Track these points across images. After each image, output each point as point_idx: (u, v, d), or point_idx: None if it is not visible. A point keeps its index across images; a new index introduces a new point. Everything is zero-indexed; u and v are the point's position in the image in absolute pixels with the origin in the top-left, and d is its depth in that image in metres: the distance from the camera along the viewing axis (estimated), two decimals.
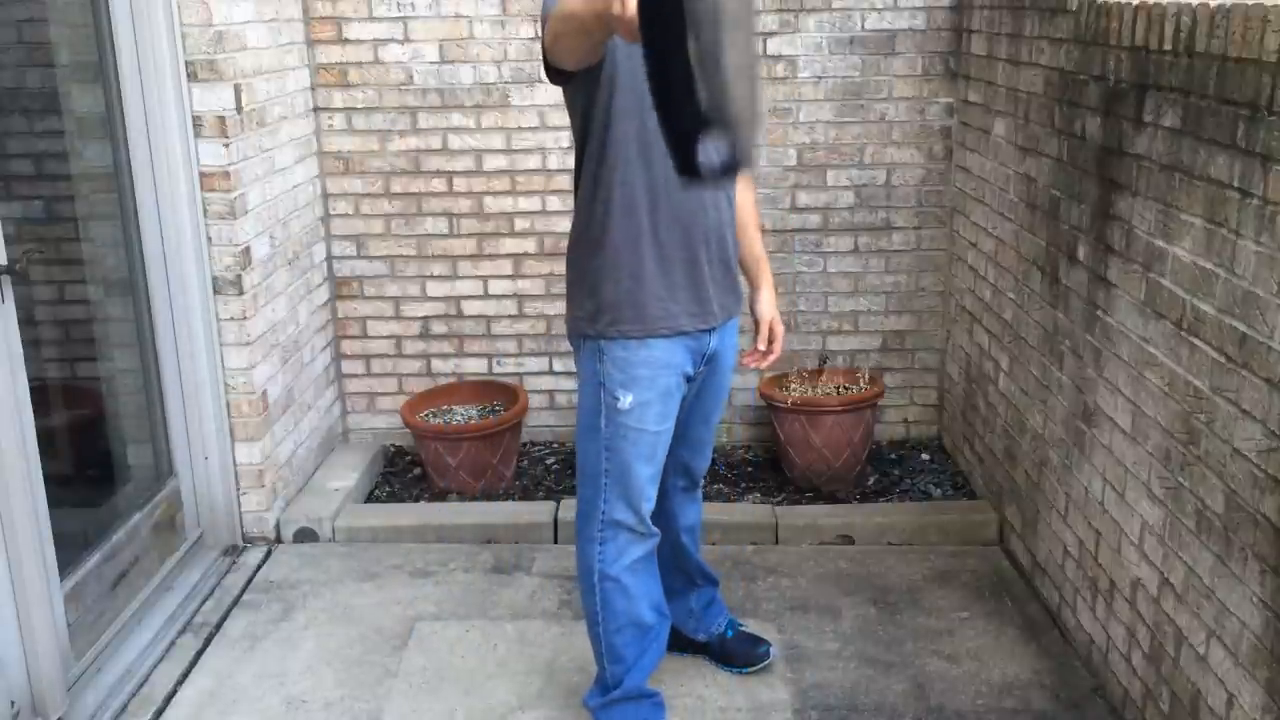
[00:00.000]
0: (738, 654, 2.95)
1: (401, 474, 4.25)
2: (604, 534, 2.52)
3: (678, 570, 2.87)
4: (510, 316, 4.30)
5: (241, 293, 3.39)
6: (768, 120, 4.04)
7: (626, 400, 2.40)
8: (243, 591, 3.39)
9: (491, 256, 4.23)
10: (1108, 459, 2.79)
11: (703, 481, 2.85)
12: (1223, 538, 2.24)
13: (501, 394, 4.23)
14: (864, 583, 3.41)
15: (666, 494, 2.71)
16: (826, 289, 4.25)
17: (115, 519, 3.16)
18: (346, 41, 4.02)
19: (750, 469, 4.21)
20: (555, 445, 4.40)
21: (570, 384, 4.36)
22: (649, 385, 2.41)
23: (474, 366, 4.36)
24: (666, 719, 2.72)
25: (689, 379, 2.52)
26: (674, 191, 2.31)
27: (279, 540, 3.68)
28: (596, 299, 2.40)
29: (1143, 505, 2.60)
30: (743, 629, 3.01)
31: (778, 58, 4.03)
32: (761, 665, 2.93)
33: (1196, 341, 2.33)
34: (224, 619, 3.24)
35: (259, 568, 3.52)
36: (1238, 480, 2.18)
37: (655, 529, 2.58)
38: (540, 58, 4.07)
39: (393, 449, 4.41)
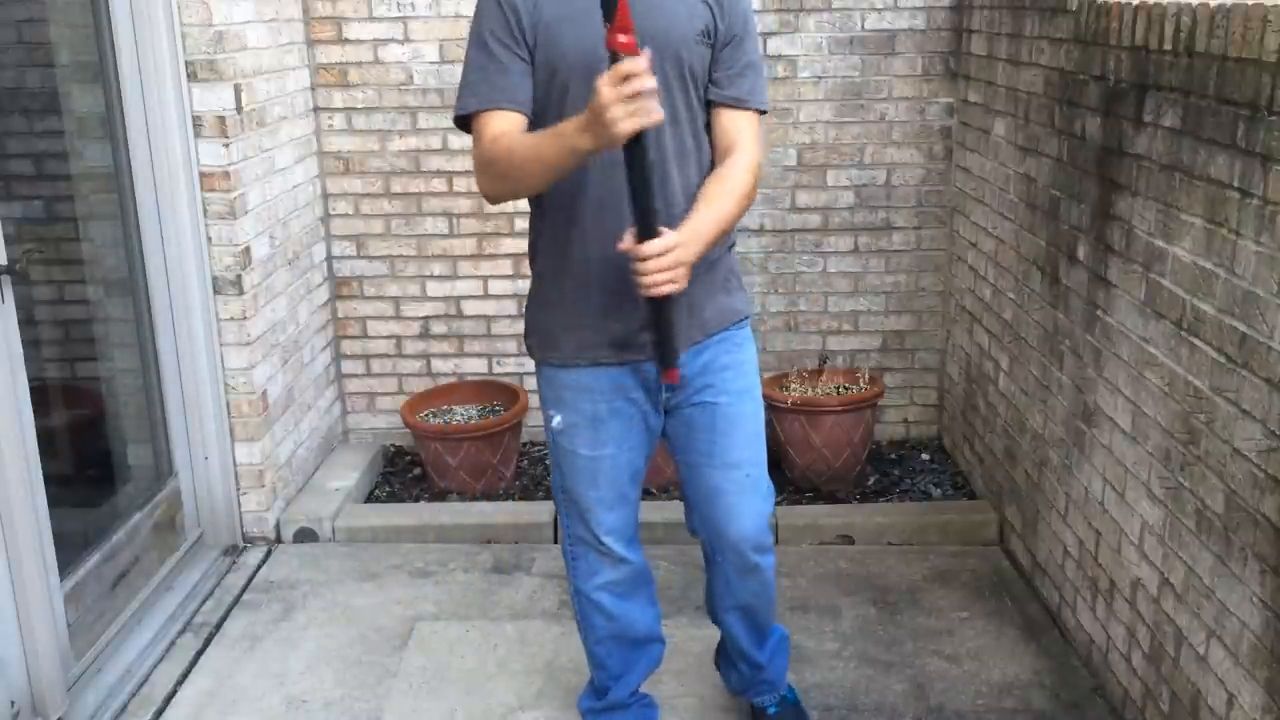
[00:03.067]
0: None
1: (401, 474, 4.25)
2: (573, 550, 2.48)
3: (723, 648, 2.68)
4: (510, 316, 4.30)
5: (241, 293, 3.39)
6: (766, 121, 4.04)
7: (556, 420, 2.34)
8: (243, 591, 3.39)
9: (491, 256, 4.23)
10: (1108, 459, 2.79)
11: (755, 553, 2.39)
12: (1223, 538, 2.24)
13: (501, 394, 4.23)
14: (864, 583, 3.41)
15: (707, 561, 2.49)
16: (826, 289, 4.25)
17: (115, 519, 3.16)
18: (346, 41, 4.02)
19: None
20: None
21: None
22: (573, 409, 2.31)
23: (474, 366, 4.36)
24: (659, 717, 2.71)
25: (646, 406, 2.32)
26: (603, 219, 2.14)
27: (279, 540, 3.68)
28: (529, 320, 2.36)
29: (1143, 505, 2.60)
30: (792, 703, 2.69)
31: (778, 58, 4.03)
32: None
33: (1196, 341, 2.33)
34: (224, 619, 3.25)
35: (259, 568, 3.52)
36: (1238, 480, 2.18)
37: (629, 556, 2.44)
38: None
39: (393, 449, 4.41)
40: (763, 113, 2.24)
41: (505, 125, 2.10)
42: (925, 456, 4.28)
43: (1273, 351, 2.05)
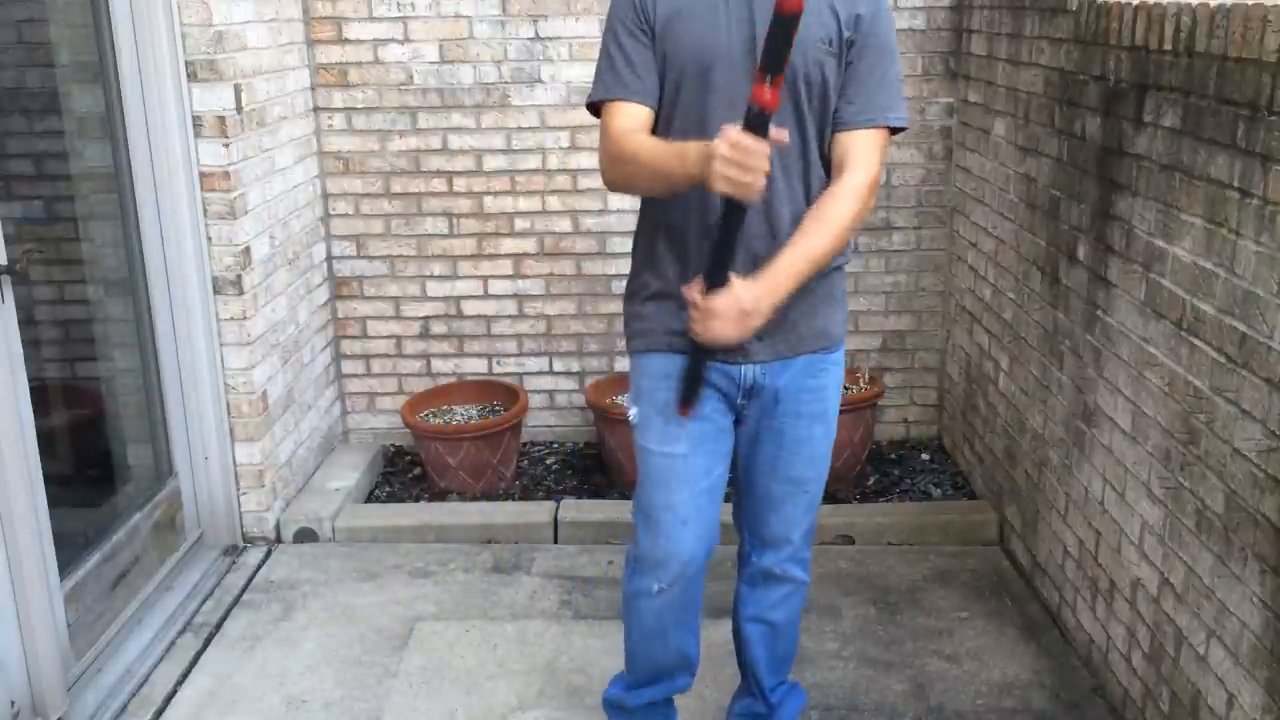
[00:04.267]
0: None
1: (401, 474, 4.25)
2: (631, 559, 2.37)
3: (739, 660, 2.59)
4: (510, 316, 4.30)
5: (241, 293, 3.39)
6: None
7: (633, 413, 2.28)
8: (243, 591, 3.39)
9: (491, 256, 4.23)
10: (1108, 459, 2.79)
11: (791, 562, 2.41)
12: (1223, 538, 2.24)
13: (501, 394, 4.23)
14: (864, 583, 3.41)
15: (741, 563, 2.49)
16: None
17: (115, 519, 3.16)
18: (346, 41, 4.02)
19: None
20: (555, 445, 4.40)
21: (569, 384, 4.37)
22: (649, 399, 2.24)
23: (474, 366, 4.36)
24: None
25: (721, 405, 2.24)
26: (703, 208, 2.09)
27: (279, 540, 3.68)
28: (625, 310, 2.33)
29: (1143, 505, 2.60)
30: None
31: None
32: None
33: (1196, 341, 2.33)
34: (224, 619, 3.25)
35: (259, 568, 3.52)
36: (1238, 480, 2.18)
37: (688, 578, 2.30)
38: (540, 58, 4.06)
39: (393, 449, 4.41)
40: (895, 130, 2.13)
41: (629, 121, 2.09)
42: (925, 456, 4.28)
43: (1273, 351, 2.05)
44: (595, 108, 2.16)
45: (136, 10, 3.10)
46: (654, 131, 2.12)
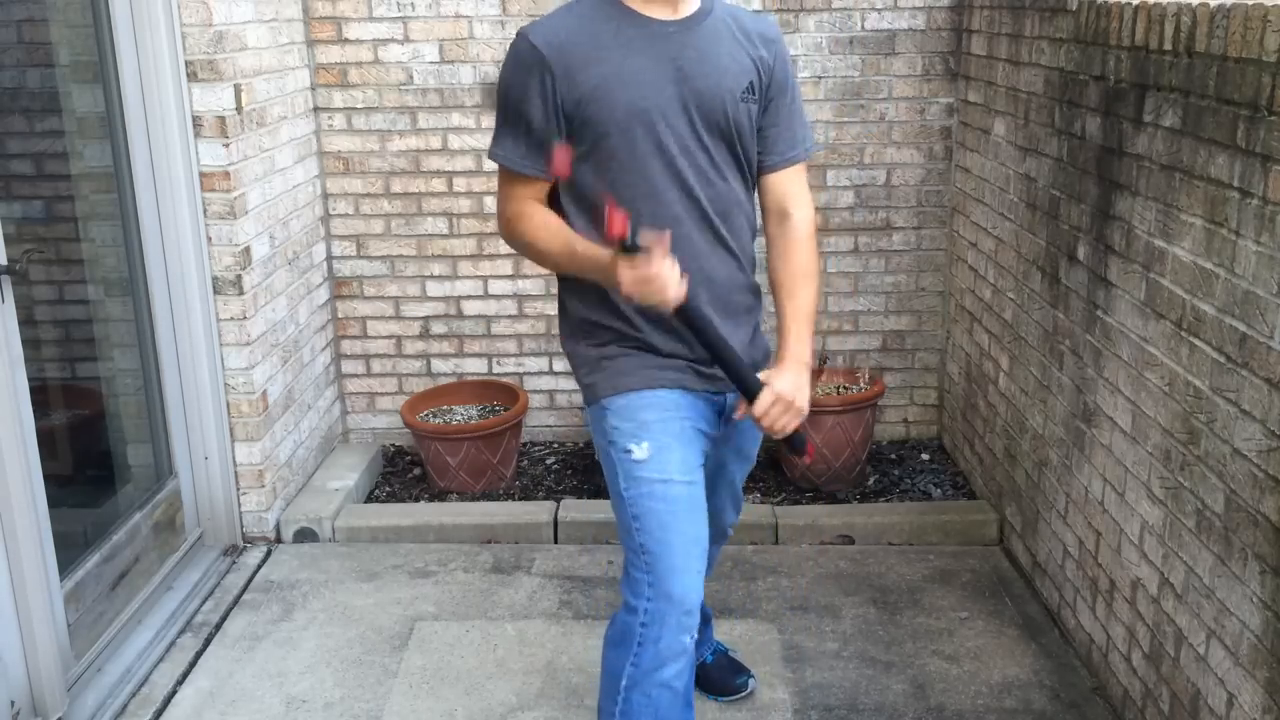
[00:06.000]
0: (715, 681, 2.82)
1: (401, 474, 4.25)
2: (647, 629, 2.08)
3: None
4: (510, 316, 4.30)
5: (241, 293, 3.39)
6: None
7: (640, 448, 2.11)
8: (243, 591, 3.39)
9: (491, 256, 4.23)
10: (1108, 459, 2.79)
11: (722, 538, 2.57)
12: (1223, 538, 2.24)
13: (501, 394, 4.23)
14: (864, 583, 3.41)
15: None
16: (826, 289, 4.25)
17: (115, 519, 3.16)
18: (346, 41, 4.02)
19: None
20: (555, 445, 4.41)
21: (569, 384, 4.37)
22: (662, 429, 2.12)
23: (474, 366, 4.36)
24: None
25: (708, 436, 2.25)
26: (689, 238, 2.13)
27: (279, 540, 3.68)
28: (582, 357, 2.22)
29: (1143, 505, 2.61)
30: (726, 654, 2.88)
31: None
32: (737, 696, 2.81)
33: (1196, 341, 2.33)
34: (224, 619, 3.25)
35: (259, 568, 3.52)
36: (1238, 480, 2.18)
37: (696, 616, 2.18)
38: None
39: (393, 449, 4.41)
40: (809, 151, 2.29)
41: (529, 194, 2.15)
42: (925, 456, 4.28)
43: (1273, 351, 2.05)
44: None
45: (136, 10, 3.10)
46: (587, 195, 2.13)
